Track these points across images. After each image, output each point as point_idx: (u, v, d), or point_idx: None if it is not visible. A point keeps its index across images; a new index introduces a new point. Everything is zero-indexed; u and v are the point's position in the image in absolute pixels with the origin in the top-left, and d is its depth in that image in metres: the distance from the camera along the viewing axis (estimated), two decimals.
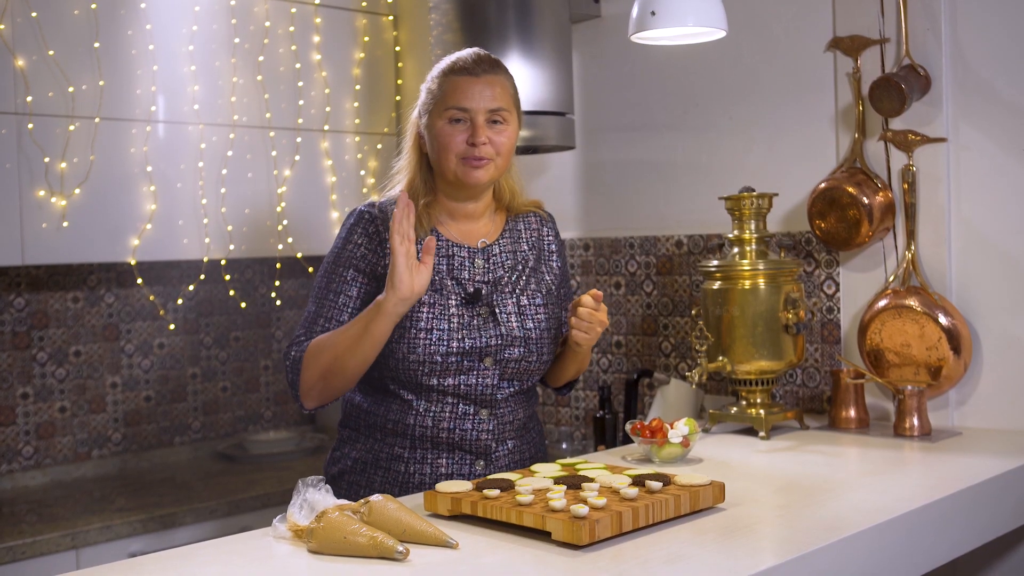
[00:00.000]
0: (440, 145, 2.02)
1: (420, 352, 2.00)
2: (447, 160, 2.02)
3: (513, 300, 2.07)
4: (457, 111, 2.01)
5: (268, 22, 3.27)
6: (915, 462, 2.15)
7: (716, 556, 1.51)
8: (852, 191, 2.52)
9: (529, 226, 2.18)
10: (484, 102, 2.01)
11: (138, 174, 2.99)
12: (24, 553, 2.53)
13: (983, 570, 2.41)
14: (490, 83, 2.03)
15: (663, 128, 3.03)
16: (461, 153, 2.01)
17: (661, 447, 2.10)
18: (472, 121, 2.00)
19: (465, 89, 2.01)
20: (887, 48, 2.54)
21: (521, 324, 2.06)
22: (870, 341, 2.53)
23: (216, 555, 1.59)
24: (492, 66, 2.06)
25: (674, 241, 2.99)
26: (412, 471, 2.05)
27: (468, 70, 2.03)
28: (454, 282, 2.05)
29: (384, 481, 2.07)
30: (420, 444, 2.05)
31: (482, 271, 2.07)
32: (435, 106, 2.04)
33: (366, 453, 2.09)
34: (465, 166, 2.01)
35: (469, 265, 2.07)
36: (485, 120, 2.01)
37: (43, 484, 3.11)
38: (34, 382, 3.12)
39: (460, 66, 2.04)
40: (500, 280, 2.08)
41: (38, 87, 2.80)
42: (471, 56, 2.06)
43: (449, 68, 2.05)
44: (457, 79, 2.02)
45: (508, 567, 1.47)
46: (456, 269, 2.06)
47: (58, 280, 3.17)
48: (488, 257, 2.09)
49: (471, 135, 2.00)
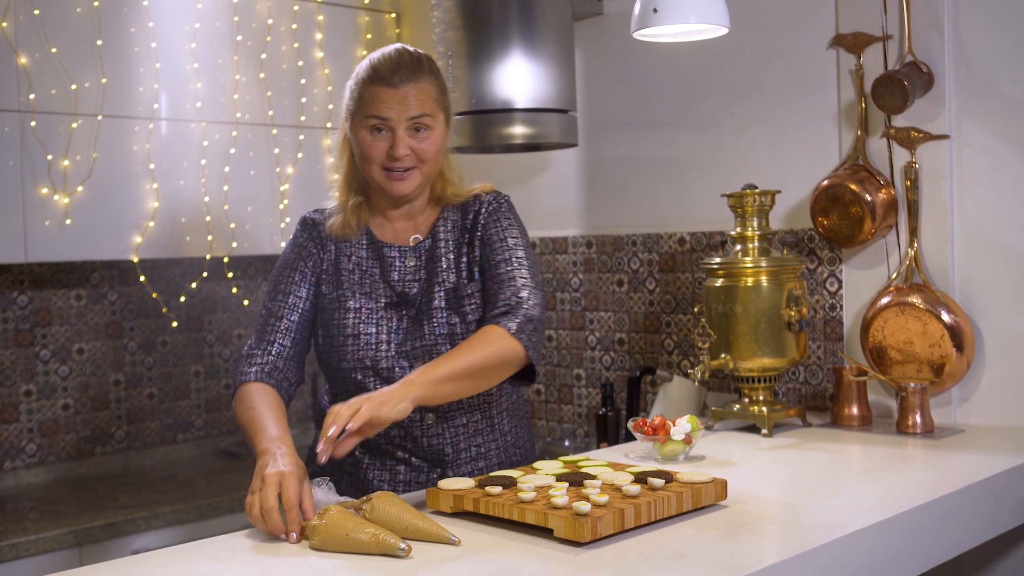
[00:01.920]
0: (362, 155, 1.98)
1: (350, 359, 1.98)
2: (370, 170, 1.98)
3: (441, 295, 2.01)
4: (377, 120, 1.95)
5: (271, 19, 3.27)
6: (918, 459, 2.15)
7: (718, 553, 1.51)
8: (855, 188, 2.52)
9: (467, 212, 2.08)
10: (404, 111, 1.94)
11: (141, 171, 2.99)
12: (27, 550, 2.54)
13: (986, 567, 2.41)
14: (410, 92, 1.95)
15: (665, 125, 3.02)
16: (383, 163, 1.97)
17: (663, 444, 2.10)
18: (392, 131, 1.95)
19: (383, 99, 1.94)
20: (890, 45, 2.54)
21: (447, 320, 2.00)
22: (873, 338, 2.53)
23: (219, 552, 1.59)
24: (412, 72, 1.96)
25: (677, 238, 2.99)
26: (372, 477, 2.03)
27: (386, 80, 1.95)
28: (385, 284, 2.02)
29: (350, 485, 2.05)
30: (374, 450, 2.02)
31: (413, 270, 2.03)
32: (356, 113, 1.99)
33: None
34: (388, 178, 1.97)
35: (400, 265, 2.03)
36: (407, 129, 1.95)
37: (46, 481, 3.12)
38: (37, 379, 3.13)
39: (379, 76, 1.95)
40: (431, 277, 2.02)
41: (41, 85, 2.81)
42: (390, 62, 1.97)
43: (368, 76, 1.97)
44: (376, 88, 1.95)
45: (510, 564, 1.47)
46: (387, 270, 2.03)
47: (61, 278, 3.18)
48: (420, 255, 2.05)
49: (391, 146, 1.95)
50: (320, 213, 2.10)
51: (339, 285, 2.04)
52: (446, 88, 2.04)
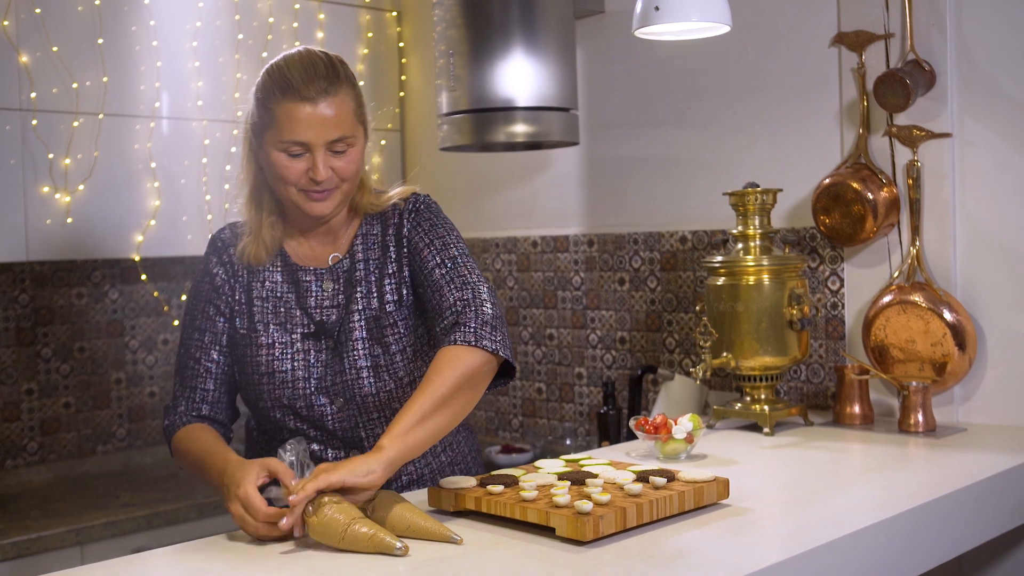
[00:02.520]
0: (278, 177, 1.79)
1: (267, 398, 1.85)
2: (285, 191, 1.80)
3: (362, 324, 1.85)
4: (294, 145, 1.76)
5: (272, 18, 3.27)
6: (919, 458, 2.15)
7: (720, 552, 1.51)
8: (857, 187, 2.51)
9: (387, 223, 1.92)
10: (324, 133, 1.75)
11: (142, 170, 2.99)
12: (29, 549, 2.54)
13: (988, 567, 2.41)
14: (330, 106, 1.76)
15: (667, 124, 3.02)
16: (302, 186, 1.78)
17: (665, 443, 2.10)
18: (312, 155, 1.76)
19: (300, 120, 1.74)
20: (892, 43, 2.54)
21: (369, 351, 1.84)
22: (875, 337, 2.53)
23: (220, 550, 1.59)
24: (329, 82, 1.77)
25: (678, 237, 2.99)
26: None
27: (301, 94, 1.74)
28: (301, 312, 1.86)
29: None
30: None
31: (331, 294, 1.87)
32: (268, 133, 1.78)
33: None
34: (307, 199, 1.79)
35: (317, 290, 1.87)
36: (326, 151, 1.77)
37: (48, 480, 3.12)
38: (39, 378, 3.13)
39: (294, 86, 1.75)
40: (349, 303, 1.86)
41: (42, 83, 2.81)
42: (304, 71, 1.76)
43: (281, 88, 1.76)
44: (292, 107, 1.74)
45: (512, 563, 1.47)
46: (302, 296, 1.87)
47: (62, 276, 3.18)
48: (337, 277, 1.88)
49: (312, 169, 1.76)
50: (232, 229, 1.93)
51: (251, 317, 1.87)
52: (362, 97, 1.85)
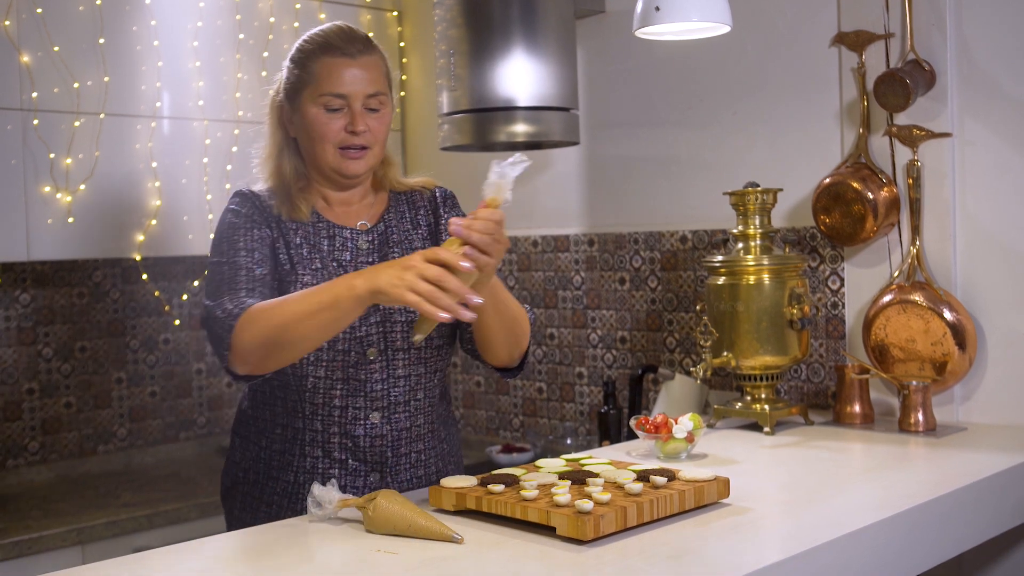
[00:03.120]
0: (316, 135, 1.87)
1: None
2: (323, 150, 1.88)
3: None
4: (334, 98, 1.85)
5: (272, 18, 3.27)
6: (920, 458, 2.15)
7: (721, 551, 1.51)
8: (857, 186, 2.51)
9: (415, 205, 2.02)
10: (362, 86, 1.86)
11: (143, 170, 2.99)
12: (30, 548, 2.54)
13: (988, 566, 2.41)
14: (367, 65, 1.87)
15: (667, 124, 3.02)
16: (339, 142, 1.87)
17: (665, 442, 2.11)
18: (350, 108, 1.86)
19: (341, 73, 1.85)
20: (892, 43, 2.54)
21: (404, 308, 1.88)
22: (875, 336, 2.53)
23: (221, 550, 1.60)
24: (366, 45, 1.89)
25: (678, 237, 2.99)
26: (303, 481, 1.89)
27: (342, 50, 1.86)
28: (335, 264, 1.90)
29: (273, 492, 1.92)
30: (310, 451, 1.89)
31: (365, 252, 1.93)
32: (307, 90, 1.87)
33: (256, 462, 1.95)
34: (343, 157, 1.88)
35: (352, 247, 1.93)
36: (362, 106, 1.87)
37: (49, 479, 3.12)
38: (40, 377, 3.13)
39: (334, 45, 1.87)
40: (385, 260, 1.92)
41: (43, 83, 2.81)
42: (341, 33, 1.89)
43: (321, 47, 1.87)
44: (331, 61, 1.86)
45: (513, 562, 1.47)
46: (338, 250, 1.91)
47: (63, 276, 3.18)
48: (372, 238, 1.95)
49: (350, 123, 1.86)
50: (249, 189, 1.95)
51: (291, 258, 1.89)
52: (390, 69, 1.96)
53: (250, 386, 1.96)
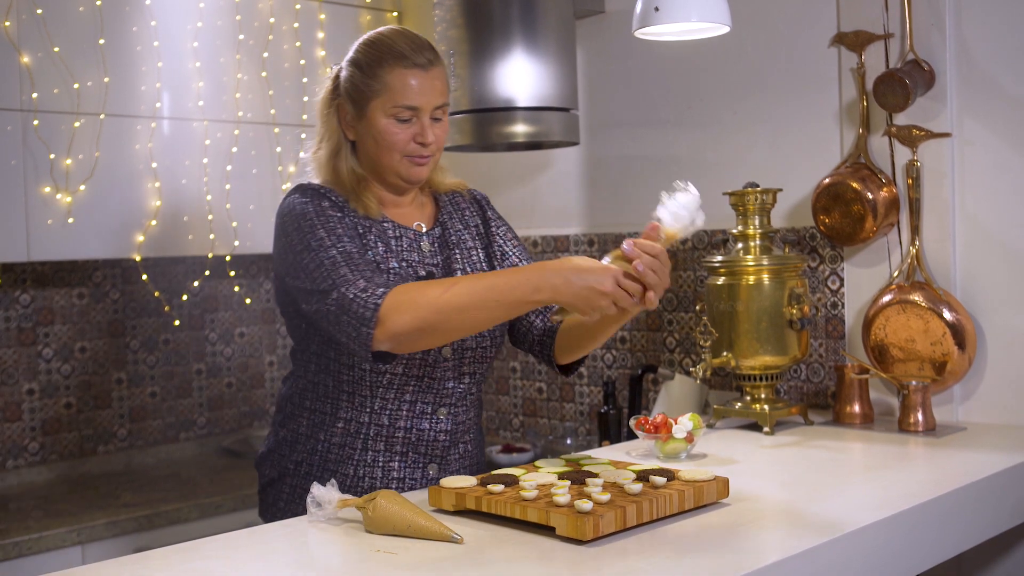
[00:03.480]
0: (385, 144, 1.89)
1: None
2: (390, 157, 1.91)
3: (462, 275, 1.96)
4: (405, 110, 1.87)
5: (272, 18, 3.27)
6: (919, 457, 2.15)
7: (720, 551, 1.51)
8: (856, 186, 2.52)
9: (458, 206, 2.07)
10: (432, 98, 1.89)
11: (143, 170, 2.99)
12: (30, 548, 2.54)
13: (988, 566, 2.41)
14: (436, 76, 1.90)
15: (667, 124, 3.02)
16: (407, 151, 1.90)
17: (665, 442, 2.11)
18: (420, 120, 1.89)
19: (414, 85, 1.87)
20: (891, 43, 2.54)
21: None
22: (874, 336, 2.53)
23: (221, 550, 1.60)
24: (434, 53, 1.91)
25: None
26: (362, 474, 1.93)
27: (414, 61, 1.87)
28: (406, 263, 1.93)
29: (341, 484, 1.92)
30: (372, 445, 1.93)
31: (429, 255, 1.97)
32: (377, 100, 1.88)
33: (311, 455, 1.96)
34: (410, 164, 1.91)
35: (416, 247, 1.96)
36: (430, 117, 1.90)
37: (48, 480, 3.12)
38: (39, 378, 3.13)
39: (405, 55, 1.87)
40: (448, 262, 1.98)
41: (43, 84, 2.81)
42: (410, 42, 1.90)
43: (392, 56, 1.88)
44: (405, 73, 1.87)
45: (512, 562, 1.48)
46: (406, 250, 1.94)
47: (63, 276, 3.18)
48: (432, 240, 1.99)
49: (420, 134, 1.89)
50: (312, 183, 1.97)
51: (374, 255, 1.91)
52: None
53: (305, 380, 1.98)
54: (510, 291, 1.70)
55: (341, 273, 1.78)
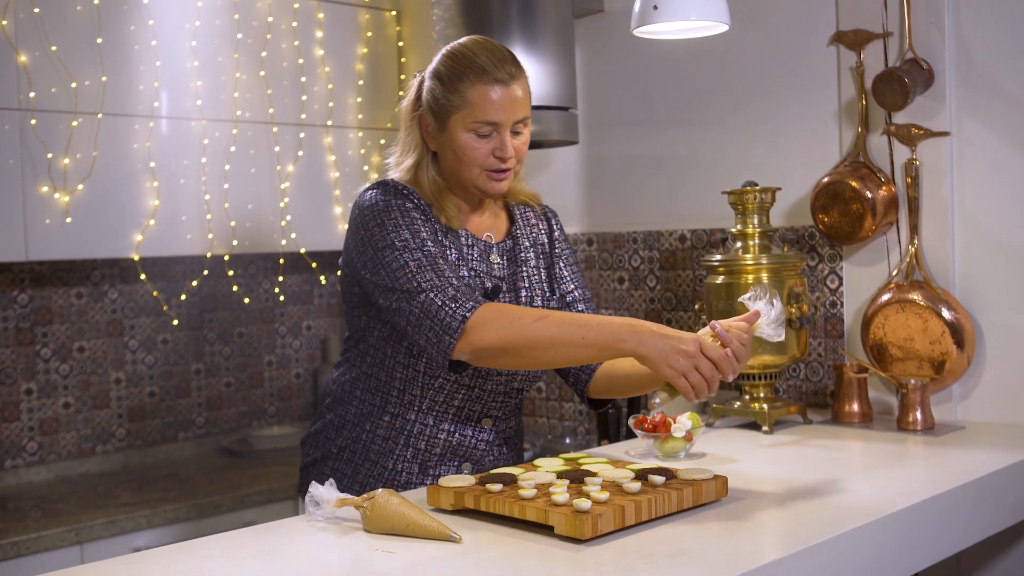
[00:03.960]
0: (465, 158, 1.90)
1: None
2: (470, 171, 1.91)
3: (527, 298, 2.01)
4: (487, 126, 1.88)
5: (271, 17, 3.27)
6: (918, 456, 2.15)
7: (719, 550, 1.51)
8: (855, 185, 2.51)
9: (528, 221, 2.09)
10: (513, 113, 1.88)
11: (141, 170, 2.99)
12: (29, 548, 2.54)
13: (987, 564, 2.41)
14: (518, 90, 1.89)
15: (666, 123, 3.02)
16: (487, 166, 1.90)
17: (664, 441, 2.11)
18: (500, 135, 1.89)
19: (496, 102, 1.86)
20: (890, 42, 2.54)
21: None
22: (873, 335, 2.53)
23: (220, 549, 1.59)
24: (516, 66, 1.90)
25: (677, 236, 2.99)
26: (400, 469, 1.98)
27: (496, 76, 1.86)
28: (474, 273, 1.96)
29: (369, 475, 1.99)
30: (415, 443, 1.98)
31: (498, 267, 2.00)
32: (458, 114, 1.88)
33: (355, 443, 2.01)
34: (488, 178, 1.91)
35: (486, 259, 1.99)
36: (510, 131, 1.90)
37: (47, 480, 3.12)
38: (38, 378, 3.13)
39: (487, 70, 1.87)
40: (515, 279, 2.01)
41: (41, 83, 2.80)
42: (492, 56, 1.88)
43: (474, 71, 1.87)
44: (486, 89, 1.86)
45: (511, 561, 1.47)
46: (476, 260, 1.98)
47: (61, 276, 3.18)
48: (502, 252, 2.02)
49: (499, 148, 1.89)
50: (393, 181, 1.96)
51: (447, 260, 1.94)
52: None
53: (358, 370, 2.01)
54: (598, 335, 1.73)
55: (428, 277, 1.82)
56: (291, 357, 3.72)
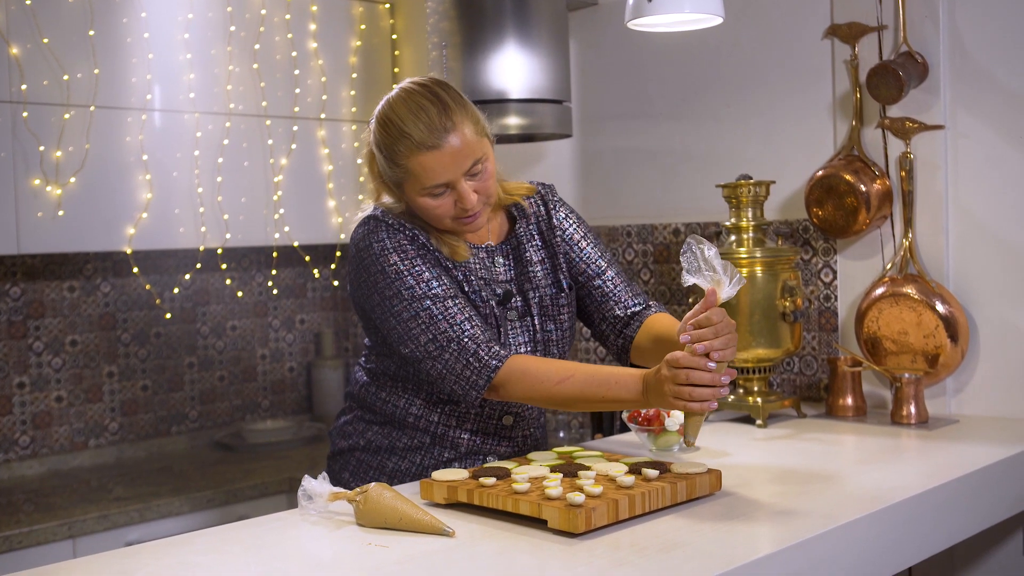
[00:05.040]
0: (430, 216, 1.90)
1: None
2: (440, 224, 1.91)
3: (535, 301, 2.01)
4: (436, 188, 1.85)
5: (264, 10, 3.26)
6: (912, 450, 2.15)
7: (713, 544, 1.51)
8: (849, 179, 2.51)
9: (525, 212, 2.06)
10: (461, 166, 1.83)
11: (134, 163, 2.98)
12: (21, 542, 2.53)
13: (980, 558, 2.41)
14: (458, 144, 1.82)
15: (660, 116, 3.02)
16: (455, 215, 1.88)
17: (658, 435, 2.10)
18: (456, 189, 1.85)
19: (437, 168, 1.82)
20: (885, 35, 2.54)
21: (541, 326, 2.01)
22: (867, 329, 2.53)
23: (212, 544, 1.59)
24: (448, 115, 1.83)
25: (671, 229, 2.99)
26: (427, 464, 2.01)
27: (429, 144, 1.81)
28: (483, 283, 1.97)
29: (396, 469, 2.02)
30: (440, 441, 2.01)
31: (503, 269, 2.01)
32: (408, 184, 1.87)
33: (383, 438, 2.04)
34: (461, 224, 1.90)
35: (490, 265, 2.00)
36: (465, 179, 1.85)
37: (40, 473, 3.11)
38: (31, 371, 3.12)
39: (419, 140, 1.82)
40: (521, 278, 2.01)
41: (33, 75, 2.79)
42: (419, 119, 1.82)
43: (407, 144, 1.82)
44: (424, 158, 1.82)
45: (504, 555, 1.47)
46: (481, 269, 1.98)
47: (54, 269, 3.17)
48: (506, 253, 2.02)
49: (460, 200, 1.86)
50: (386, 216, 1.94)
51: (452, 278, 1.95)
52: (475, 110, 1.90)
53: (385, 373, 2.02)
54: (616, 394, 1.77)
55: (442, 329, 1.85)
56: (284, 351, 3.71)
